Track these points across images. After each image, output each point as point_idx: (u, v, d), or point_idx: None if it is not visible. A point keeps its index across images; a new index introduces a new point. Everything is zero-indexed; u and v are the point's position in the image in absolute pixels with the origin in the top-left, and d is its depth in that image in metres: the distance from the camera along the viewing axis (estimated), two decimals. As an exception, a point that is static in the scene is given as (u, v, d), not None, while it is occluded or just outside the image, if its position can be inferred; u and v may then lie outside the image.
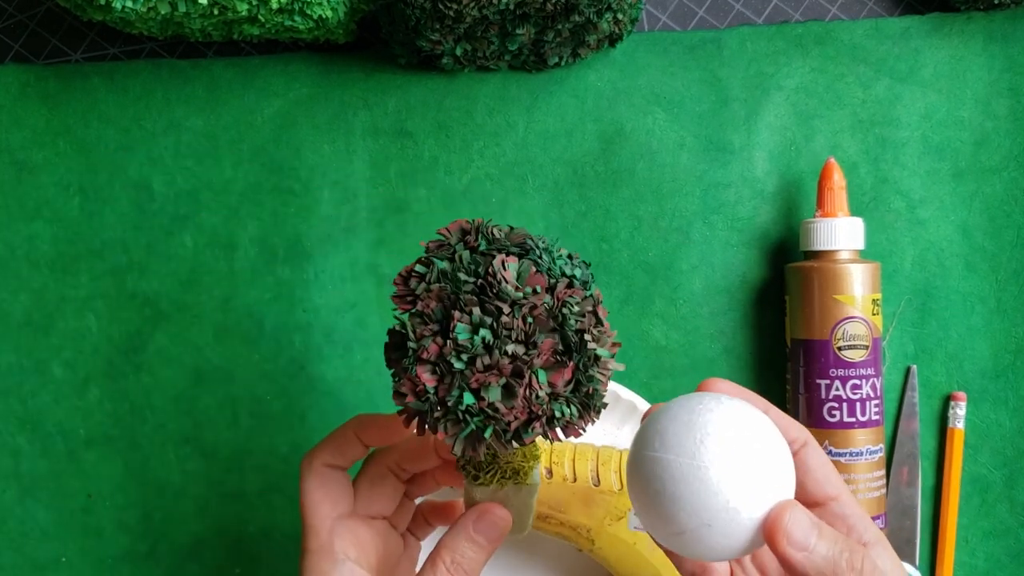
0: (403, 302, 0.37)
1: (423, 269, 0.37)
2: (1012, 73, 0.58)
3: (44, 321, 0.57)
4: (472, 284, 0.36)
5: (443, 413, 0.36)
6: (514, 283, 0.36)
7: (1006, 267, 0.58)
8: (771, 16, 0.59)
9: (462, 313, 0.35)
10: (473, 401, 0.35)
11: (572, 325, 0.36)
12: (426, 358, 0.36)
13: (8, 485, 0.57)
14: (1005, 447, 0.57)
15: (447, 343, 0.35)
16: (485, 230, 0.38)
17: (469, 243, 0.38)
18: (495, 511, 0.41)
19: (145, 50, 0.59)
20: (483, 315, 0.35)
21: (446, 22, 0.52)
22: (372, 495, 0.44)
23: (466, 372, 0.35)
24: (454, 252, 0.37)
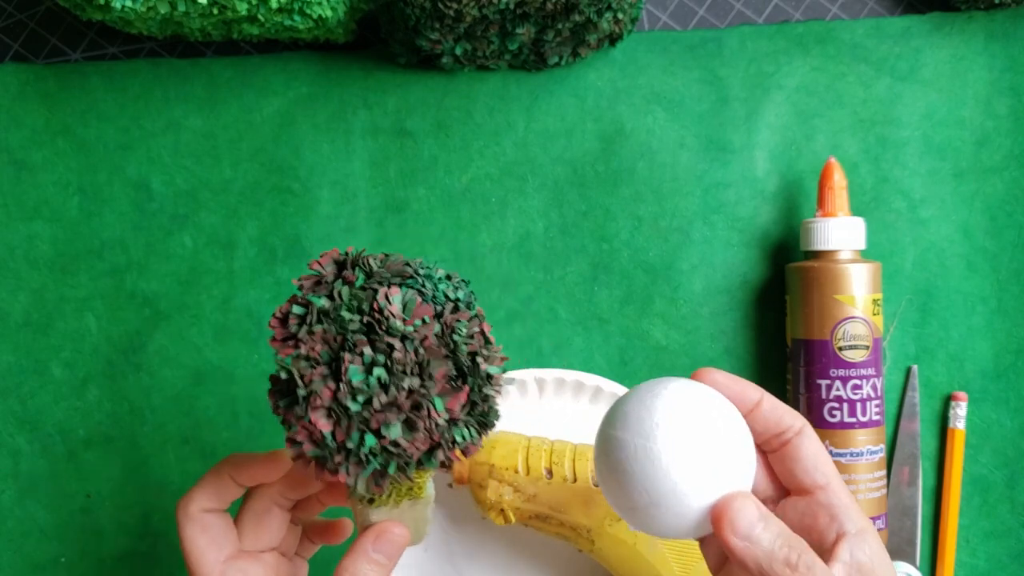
0: (284, 346, 0.36)
1: (301, 310, 0.36)
2: (1013, 72, 0.58)
3: (43, 321, 0.57)
4: (358, 322, 0.36)
5: (344, 457, 0.35)
6: (401, 316, 0.36)
7: (1007, 267, 0.58)
8: (771, 15, 0.59)
9: (352, 354, 0.35)
10: (375, 442, 0.35)
11: (463, 350, 0.37)
12: (319, 404, 0.35)
13: (7, 485, 0.57)
14: (1006, 447, 0.57)
15: (340, 386, 0.35)
16: (362, 262, 0.38)
17: (347, 278, 0.37)
18: (392, 529, 0.41)
19: (144, 49, 0.59)
20: (375, 353, 0.35)
21: (446, 21, 0.52)
22: (259, 530, 0.44)
23: (364, 413, 0.35)
24: (332, 289, 0.37)
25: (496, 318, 0.58)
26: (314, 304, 0.36)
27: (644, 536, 0.51)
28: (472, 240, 0.58)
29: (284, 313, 0.37)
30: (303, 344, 0.35)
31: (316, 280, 0.38)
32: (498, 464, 0.52)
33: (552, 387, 0.56)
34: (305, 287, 0.37)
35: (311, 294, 0.37)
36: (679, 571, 0.52)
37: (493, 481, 0.52)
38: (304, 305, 0.37)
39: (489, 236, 0.58)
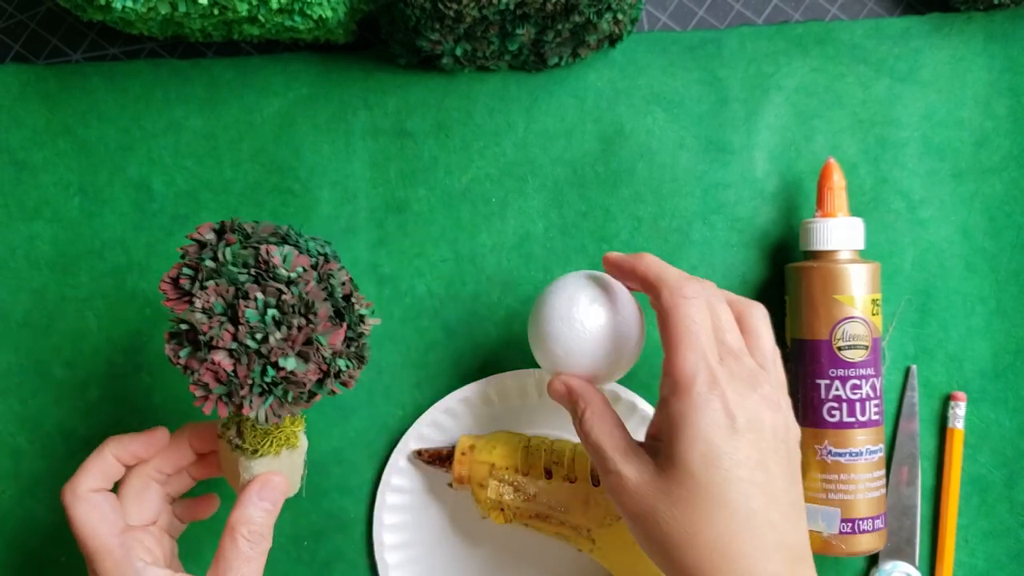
0: (179, 303, 0.42)
1: (191, 271, 0.42)
2: (1012, 73, 0.58)
3: (44, 321, 0.57)
4: (247, 274, 0.41)
5: (248, 389, 0.41)
6: (284, 267, 0.41)
7: (1006, 267, 0.58)
8: (771, 16, 0.59)
9: (247, 300, 0.40)
10: (275, 373, 0.40)
11: (339, 292, 0.43)
12: (221, 346, 0.40)
13: (8, 485, 0.57)
14: (1005, 447, 0.57)
15: (239, 328, 0.40)
16: (238, 227, 0.43)
17: (228, 240, 0.42)
18: (274, 478, 0.46)
19: (145, 50, 0.59)
20: (266, 297, 0.41)
21: (446, 22, 0.52)
22: (140, 505, 0.47)
23: (262, 349, 0.40)
24: (216, 251, 0.42)
25: (496, 318, 0.58)
26: (203, 265, 0.41)
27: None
28: (472, 240, 0.58)
29: (173, 277, 0.42)
30: (198, 299, 0.40)
31: (200, 245, 0.43)
32: (498, 464, 0.53)
33: (552, 387, 0.56)
34: (190, 252, 0.43)
35: (197, 258, 0.42)
36: (679, 571, 0.52)
37: (493, 481, 0.52)
38: (193, 267, 0.42)
39: (489, 236, 0.58)
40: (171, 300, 0.42)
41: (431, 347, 0.58)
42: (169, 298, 0.42)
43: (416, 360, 0.57)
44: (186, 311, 0.41)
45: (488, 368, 0.58)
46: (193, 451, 0.49)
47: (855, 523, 0.53)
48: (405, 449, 0.56)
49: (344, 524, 0.57)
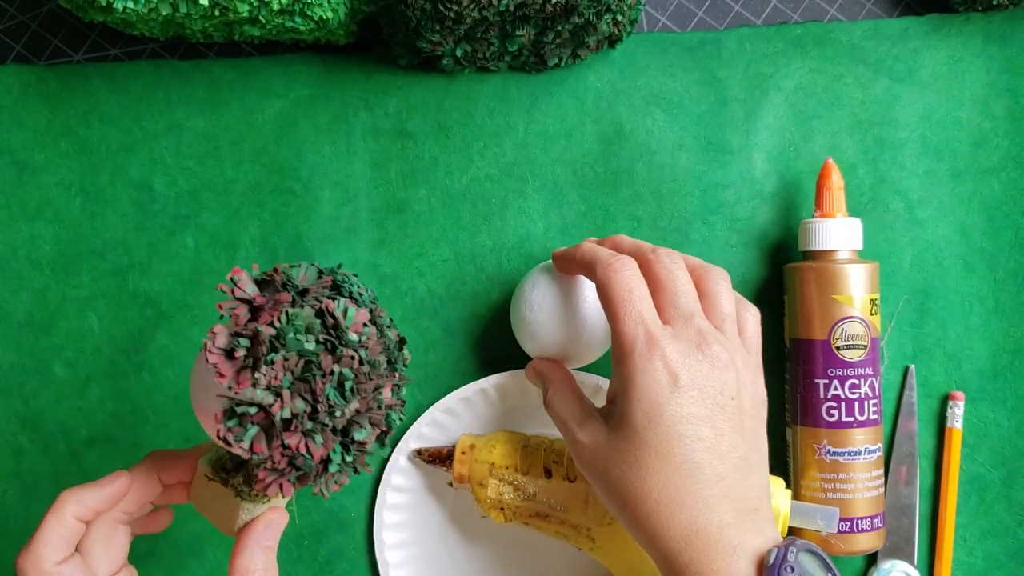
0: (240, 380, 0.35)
1: (247, 341, 0.36)
2: (1010, 74, 0.58)
3: (46, 321, 0.58)
4: (314, 342, 0.36)
5: (324, 469, 0.37)
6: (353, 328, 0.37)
7: (1004, 267, 0.58)
8: (770, 17, 0.59)
9: (323, 376, 0.36)
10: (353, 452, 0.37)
11: (392, 343, 0.40)
12: (297, 427, 0.35)
13: (10, 484, 0.57)
14: (1003, 446, 0.57)
15: (317, 407, 0.35)
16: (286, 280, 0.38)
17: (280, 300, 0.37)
18: (275, 517, 0.43)
19: (146, 51, 0.59)
20: (342, 368, 0.36)
21: (446, 23, 0.52)
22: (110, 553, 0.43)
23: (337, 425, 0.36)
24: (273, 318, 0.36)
25: (496, 318, 0.58)
26: (262, 334, 0.35)
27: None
28: (472, 240, 0.58)
29: (226, 348, 0.36)
30: (263, 375, 0.35)
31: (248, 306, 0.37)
32: (498, 463, 0.53)
33: (552, 387, 0.56)
34: (240, 317, 0.36)
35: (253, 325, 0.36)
36: (678, 569, 0.52)
37: (493, 480, 0.53)
38: (248, 336, 0.36)
39: (489, 237, 0.58)
40: (225, 376, 0.35)
41: (431, 347, 0.58)
42: (222, 373, 0.35)
43: (416, 360, 0.58)
44: (247, 390, 0.35)
45: (488, 368, 0.58)
46: (161, 483, 0.45)
47: (854, 522, 0.53)
48: (405, 448, 0.56)
49: (344, 523, 0.57)
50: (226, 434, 0.36)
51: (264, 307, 0.36)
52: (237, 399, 0.35)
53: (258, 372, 0.35)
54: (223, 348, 0.36)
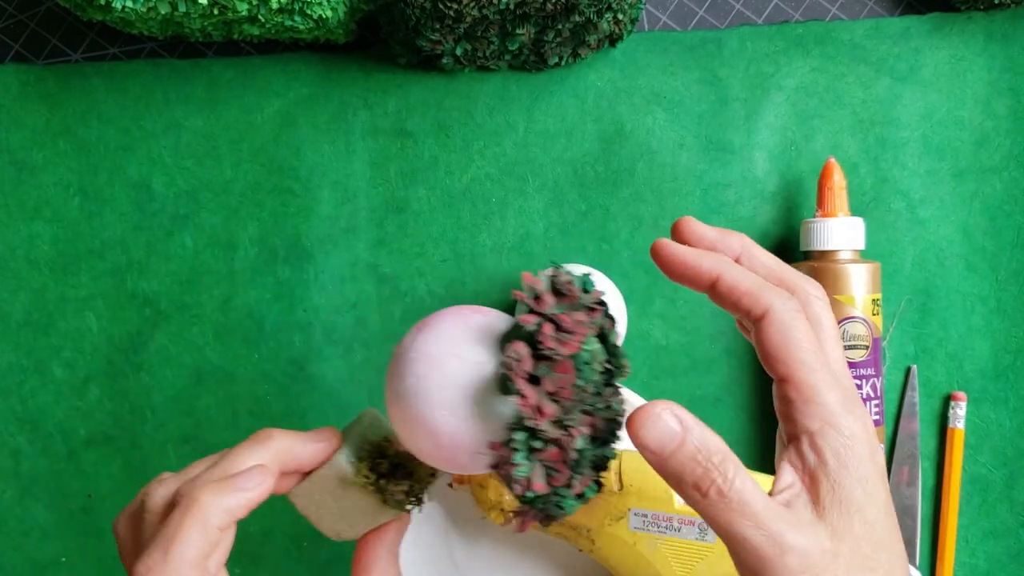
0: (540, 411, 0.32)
1: (547, 370, 0.32)
2: (1012, 73, 0.58)
3: (44, 321, 0.57)
4: (603, 375, 0.33)
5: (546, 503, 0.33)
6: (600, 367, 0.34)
7: (1006, 267, 0.58)
8: (771, 16, 0.59)
9: (605, 409, 0.33)
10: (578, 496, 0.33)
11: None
12: (543, 459, 0.32)
13: (8, 485, 0.57)
14: (1005, 447, 0.57)
15: (567, 451, 0.32)
16: (582, 292, 0.34)
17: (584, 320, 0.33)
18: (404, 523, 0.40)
19: (145, 50, 0.59)
20: (612, 402, 0.34)
21: (446, 22, 0.52)
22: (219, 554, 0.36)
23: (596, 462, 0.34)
24: (581, 351, 0.33)
25: (496, 318, 0.58)
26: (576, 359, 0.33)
27: (643, 536, 0.51)
28: (472, 240, 0.58)
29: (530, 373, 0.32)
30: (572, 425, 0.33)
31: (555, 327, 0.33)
32: (498, 464, 0.52)
33: (552, 387, 0.56)
34: (547, 338, 0.32)
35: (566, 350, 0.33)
36: (679, 571, 0.52)
37: (494, 481, 0.52)
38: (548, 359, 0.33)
39: (489, 236, 0.58)
40: (529, 405, 0.32)
41: (431, 347, 0.58)
42: (526, 401, 0.32)
43: (416, 360, 0.57)
44: (546, 423, 0.32)
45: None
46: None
47: (855, 523, 0.53)
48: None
49: (344, 524, 0.57)
50: (508, 468, 0.32)
51: (568, 329, 0.33)
52: (532, 427, 0.32)
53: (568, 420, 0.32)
54: (528, 373, 0.32)
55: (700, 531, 0.51)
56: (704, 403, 0.57)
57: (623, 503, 0.51)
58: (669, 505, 0.51)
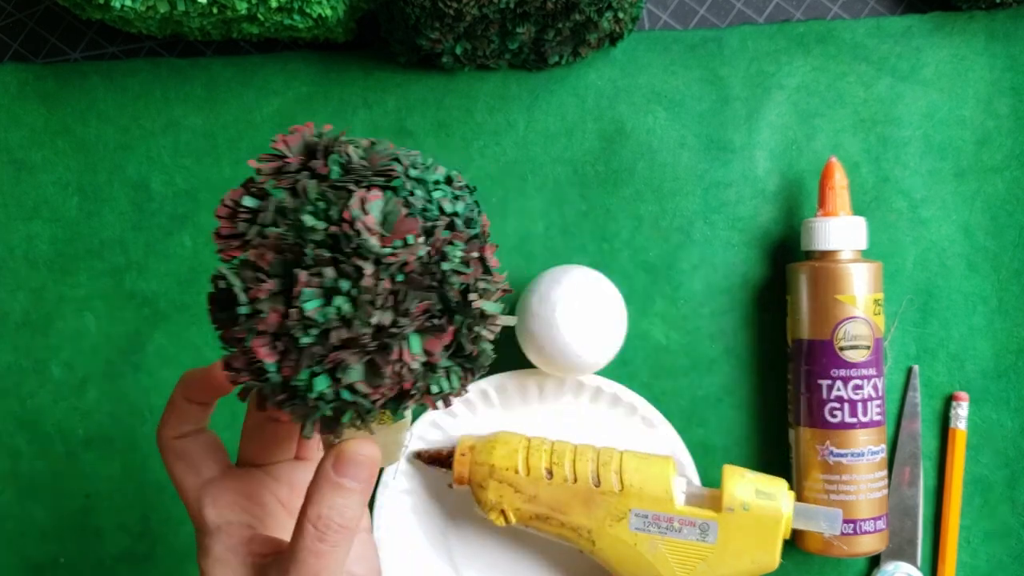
0: (229, 245, 0.29)
1: (254, 202, 0.29)
2: (1014, 72, 0.58)
3: (42, 321, 0.57)
4: (323, 232, 0.28)
5: (288, 396, 0.29)
6: (379, 231, 0.28)
7: (1008, 267, 0.57)
8: (772, 15, 0.59)
9: (310, 274, 0.28)
10: (328, 385, 0.29)
11: (453, 282, 0.30)
12: (264, 328, 0.28)
13: (6, 485, 0.57)
14: (1007, 447, 0.57)
15: (290, 311, 0.28)
16: (339, 149, 0.30)
17: (316, 169, 0.30)
18: (360, 447, 0.34)
19: (144, 49, 0.59)
20: (338, 277, 0.28)
21: (446, 20, 0.52)
22: (255, 444, 0.41)
23: (317, 348, 0.28)
24: (296, 181, 0.29)
25: (496, 318, 0.57)
26: (272, 197, 0.29)
27: (644, 536, 0.51)
28: (472, 240, 0.58)
29: (234, 203, 0.30)
30: (252, 248, 0.29)
31: (278, 165, 0.30)
32: (498, 465, 0.52)
33: (552, 388, 0.56)
34: (263, 172, 0.30)
35: (270, 181, 0.30)
36: (679, 571, 0.52)
37: (493, 482, 0.52)
38: (260, 196, 0.29)
39: (489, 236, 0.58)
40: (222, 238, 0.30)
41: (431, 347, 0.57)
42: (221, 234, 0.30)
43: (416, 360, 0.57)
44: (230, 264, 0.29)
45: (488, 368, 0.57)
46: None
47: (857, 524, 0.52)
48: (405, 450, 0.56)
49: (344, 525, 0.57)
50: (209, 308, 0.31)
51: (292, 171, 0.30)
52: (218, 270, 0.30)
53: (249, 243, 0.29)
54: (232, 202, 0.30)
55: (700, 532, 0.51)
56: (704, 403, 0.57)
57: (624, 504, 0.51)
58: (670, 506, 0.51)
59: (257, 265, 0.29)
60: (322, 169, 0.29)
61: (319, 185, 0.29)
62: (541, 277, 0.53)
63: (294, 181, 0.29)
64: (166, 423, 0.40)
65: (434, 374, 0.30)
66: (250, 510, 0.39)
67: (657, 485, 0.51)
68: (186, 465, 0.39)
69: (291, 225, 0.29)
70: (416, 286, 0.29)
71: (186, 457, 0.39)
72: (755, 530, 0.51)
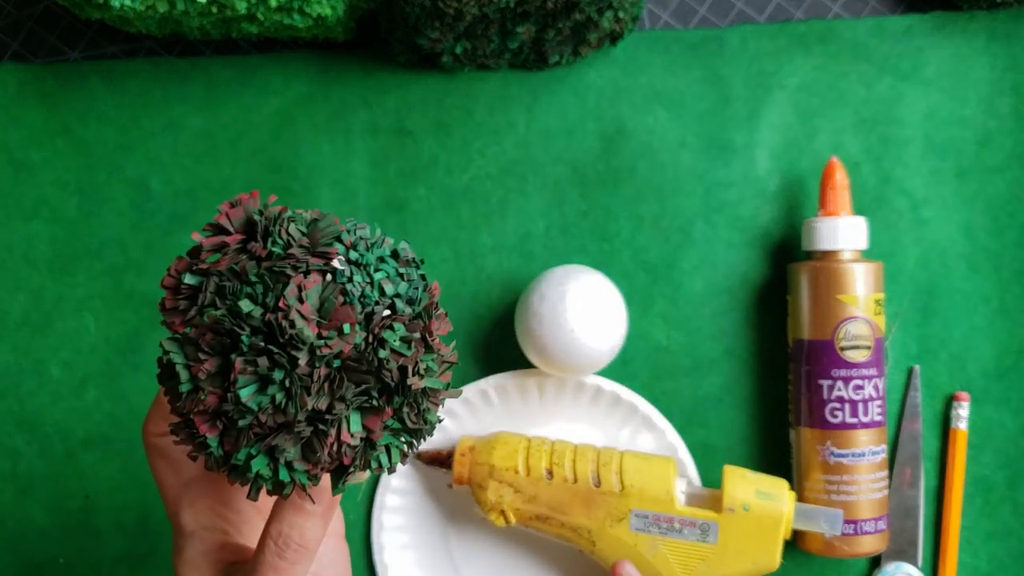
0: (173, 320, 0.30)
1: (195, 280, 0.30)
2: (1015, 72, 0.58)
3: (42, 321, 0.57)
4: (259, 320, 0.28)
5: (229, 469, 0.30)
6: (314, 319, 0.29)
7: (1009, 267, 0.57)
8: (773, 14, 0.59)
9: (244, 362, 0.28)
10: (265, 464, 0.29)
11: (391, 366, 0.30)
12: (203, 409, 0.29)
13: (6, 486, 0.57)
14: (1008, 448, 0.57)
15: (228, 396, 0.28)
16: (278, 227, 0.30)
17: (254, 250, 0.30)
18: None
19: (143, 49, 0.59)
20: (272, 366, 0.28)
21: (446, 20, 0.52)
22: None
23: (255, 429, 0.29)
24: (237, 260, 0.29)
25: (496, 318, 0.57)
26: (211, 278, 0.29)
27: (644, 537, 0.51)
28: (472, 240, 0.58)
29: (178, 273, 0.30)
30: (193, 327, 0.29)
31: (220, 241, 0.30)
32: (498, 465, 0.52)
33: (553, 388, 0.56)
34: (205, 247, 0.30)
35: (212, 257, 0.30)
36: (679, 571, 0.52)
37: (493, 482, 0.52)
38: (202, 274, 0.29)
39: (489, 236, 0.58)
40: (166, 310, 0.30)
41: (431, 347, 0.57)
42: (165, 307, 0.30)
43: (416, 360, 0.57)
44: (169, 340, 0.29)
45: (488, 368, 0.57)
46: None
47: (858, 524, 0.52)
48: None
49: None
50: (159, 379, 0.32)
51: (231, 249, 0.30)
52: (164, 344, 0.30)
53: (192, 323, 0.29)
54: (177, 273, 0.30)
55: (701, 532, 0.51)
56: (705, 403, 0.57)
57: (624, 504, 0.51)
58: (670, 506, 0.51)
59: (199, 343, 0.29)
60: (260, 252, 0.30)
61: (258, 267, 0.29)
62: (541, 277, 0.53)
63: (235, 259, 0.30)
64: (151, 419, 0.40)
65: (374, 451, 0.31)
66: (225, 516, 0.40)
67: (658, 485, 0.51)
68: (168, 464, 0.40)
69: (229, 308, 0.29)
70: (353, 372, 0.29)
71: (168, 456, 0.40)
72: (756, 530, 0.51)
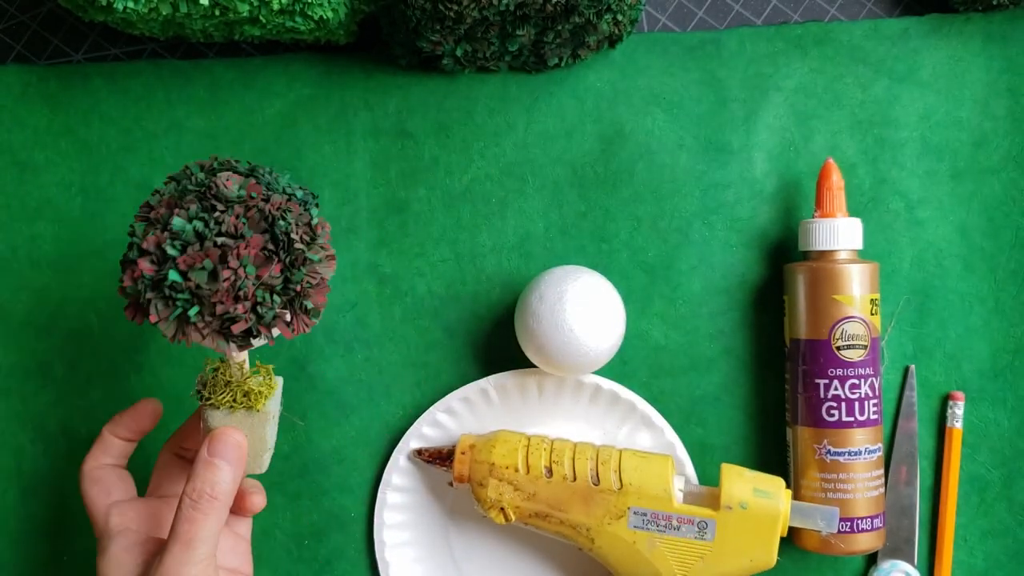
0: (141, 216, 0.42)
1: (163, 187, 0.43)
2: (1011, 74, 0.58)
3: (46, 321, 0.58)
4: (197, 191, 0.41)
5: (155, 294, 0.40)
6: (234, 190, 0.41)
7: (1004, 267, 0.58)
8: (770, 17, 0.59)
9: (181, 209, 0.41)
10: (179, 279, 0.40)
11: (281, 226, 0.41)
12: (146, 248, 0.40)
13: (10, 484, 0.57)
14: (1003, 447, 0.57)
15: (164, 233, 0.40)
16: (223, 160, 0.44)
17: (205, 165, 0.44)
18: (228, 432, 0.44)
19: (146, 51, 0.59)
20: (200, 211, 0.41)
21: (446, 23, 0.52)
22: (161, 479, 0.50)
23: (179, 260, 0.40)
24: (190, 172, 0.43)
25: (496, 318, 0.58)
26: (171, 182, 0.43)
27: (642, 534, 0.52)
28: (472, 240, 0.58)
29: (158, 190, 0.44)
30: (153, 210, 0.41)
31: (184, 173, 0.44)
32: (498, 463, 0.53)
33: (552, 386, 0.56)
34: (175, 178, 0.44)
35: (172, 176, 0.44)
36: (678, 570, 0.52)
37: (493, 480, 0.52)
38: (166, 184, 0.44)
39: (489, 236, 0.58)
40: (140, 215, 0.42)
41: (431, 347, 0.58)
42: (139, 213, 0.42)
43: (416, 360, 0.58)
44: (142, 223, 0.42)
45: (488, 368, 0.58)
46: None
47: (854, 522, 0.53)
48: (406, 448, 0.56)
49: (345, 523, 0.57)
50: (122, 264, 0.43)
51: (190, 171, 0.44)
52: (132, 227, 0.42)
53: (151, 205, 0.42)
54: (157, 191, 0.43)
55: (699, 530, 0.52)
56: (703, 403, 0.58)
57: (622, 502, 0.52)
58: (668, 504, 0.52)
59: (151, 218, 0.41)
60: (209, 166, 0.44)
61: (203, 171, 0.43)
62: (541, 277, 0.53)
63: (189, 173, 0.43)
64: (91, 455, 0.48)
65: (260, 289, 0.41)
66: (150, 524, 0.46)
67: (656, 483, 0.52)
68: (99, 489, 0.47)
69: (180, 187, 0.42)
70: (254, 225, 0.41)
71: (100, 483, 0.47)
72: (753, 528, 0.51)
